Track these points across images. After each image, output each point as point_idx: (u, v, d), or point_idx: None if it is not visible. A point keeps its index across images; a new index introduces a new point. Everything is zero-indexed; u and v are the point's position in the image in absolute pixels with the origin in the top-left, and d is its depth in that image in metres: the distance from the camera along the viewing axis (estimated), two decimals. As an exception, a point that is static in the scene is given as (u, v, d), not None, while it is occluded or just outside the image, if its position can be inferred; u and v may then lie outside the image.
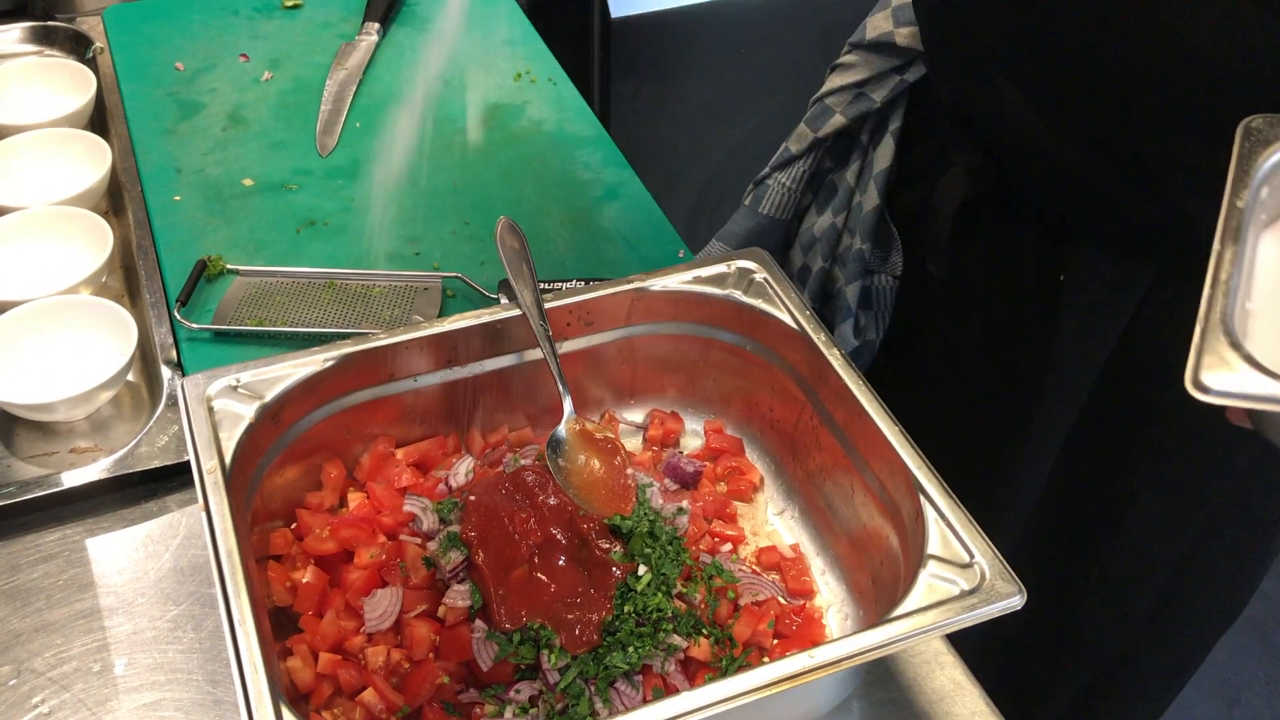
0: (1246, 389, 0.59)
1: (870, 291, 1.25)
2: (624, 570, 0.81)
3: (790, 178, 1.23)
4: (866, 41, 1.16)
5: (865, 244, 1.20)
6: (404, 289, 1.12)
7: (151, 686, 0.81)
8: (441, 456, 0.94)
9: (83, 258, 1.10)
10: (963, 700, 0.83)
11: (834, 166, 1.24)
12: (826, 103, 1.19)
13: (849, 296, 1.23)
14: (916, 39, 1.12)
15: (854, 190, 1.22)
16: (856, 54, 1.17)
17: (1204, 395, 0.59)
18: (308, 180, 1.27)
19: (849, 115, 1.18)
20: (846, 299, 1.23)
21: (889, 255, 1.22)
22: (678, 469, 0.95)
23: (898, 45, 1.14)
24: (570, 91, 1.43)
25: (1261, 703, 2.09)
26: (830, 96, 1.19)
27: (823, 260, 1.25)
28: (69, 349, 1.03)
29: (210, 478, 0.77)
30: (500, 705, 0.78)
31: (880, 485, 0.84)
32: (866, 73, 1.16)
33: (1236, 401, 0.59)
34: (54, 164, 1.22)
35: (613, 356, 0.98)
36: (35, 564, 0.89)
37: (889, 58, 1.15)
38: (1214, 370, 0.60)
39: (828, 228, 1.23)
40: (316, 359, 0.87)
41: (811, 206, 1.27)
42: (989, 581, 0.73)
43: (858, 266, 1.22)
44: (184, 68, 1.43)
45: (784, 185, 1.24)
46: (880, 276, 1.23)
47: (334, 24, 1.53)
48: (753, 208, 1.26)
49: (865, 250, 1.20)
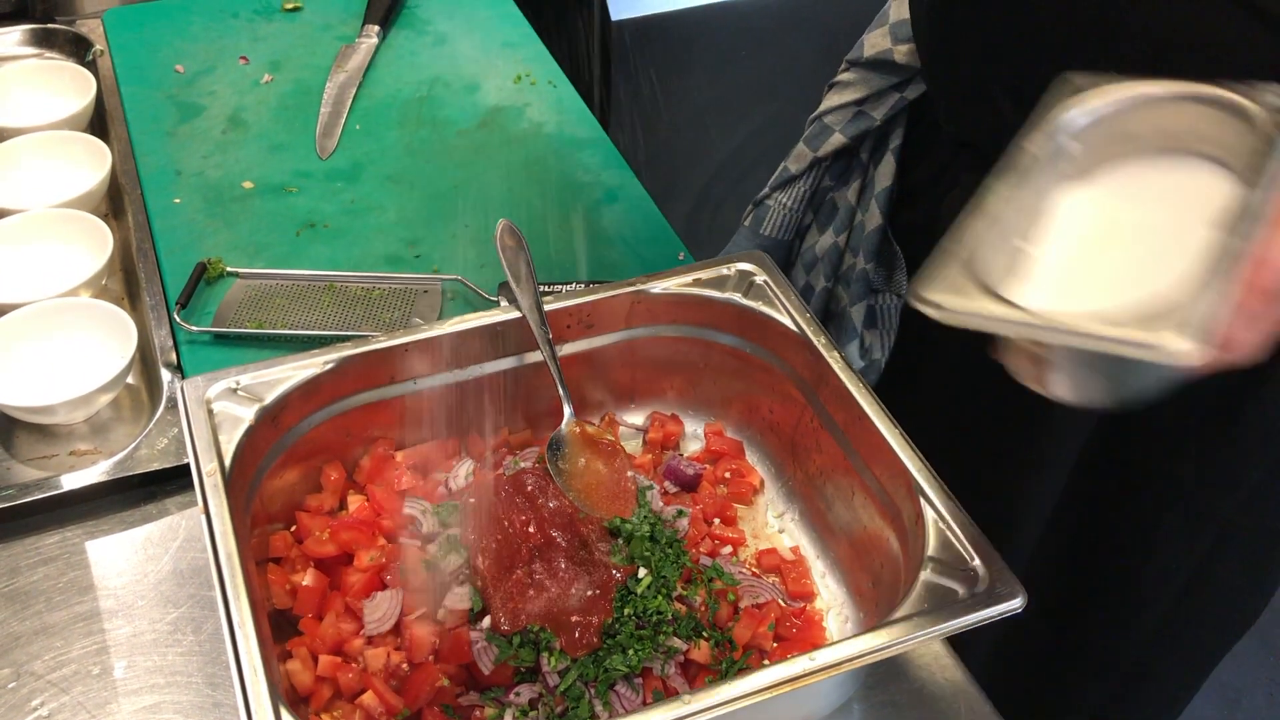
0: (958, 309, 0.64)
1: (875, 311, 1.23)
2: (624, 573, 0.81)
3: (791, 198, 1.22)
4: (864, 59, 1.14)
5: (869, 264, 1.19)
6: (404, 292, 1.12)
7: (151, 689, 0.81)
8: (441, 459, 0.94)
9: (83, 260, 1.10)
10: (964, 703, 0.83)
11: (834, 185, 1.23)
12: (825, 121, 1.18)
13: (854, 318, 1.21)
14: (915, 56, 1.11)
15: (855, 209, 1.20)
16: (854, 71, 1.16)
17: (930, 310, 0.65)
18: (308, 183, 1.27)
19: (848, 134, 1.16)
20: (852, 320, 1.22)
21: (893, 274, 1.20)
22: (678, 471, 0.95)
23: (897, 63, 1.12)
24: (570, 94, 1.43)
25: (1262, 705, 2.09)
26: (829, 115, 1.18)
27: (825, 280, 1.24)
28: (69, 352, 1.03)
29: (210, 480, 0.77)
30: (500, 708, 0.78)
31: (880, 488, 0.84)
32: (865, 90, 1.15)
33: (947, 317, 0.64)
34: (54, 166, 1.22)
35: (613, 359, 0.98)
36: (35, 566, 0.89)
37: (888, 75, 1.14)
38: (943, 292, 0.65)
39: (829, 247, 1.22)
40: (316, 361, 0.87)
41: (812, 225, 1.26)
42: (989, 584, 0.73)
43: (862, 287, 1.20)
44: (184, 70, 1.43)
45: (784, 205, 1.22)
46: (885, 295, 1.22)
47: (334, 26, 1.53)
48: (753, 229, 1.25)
49: (869, 270, 1.19)
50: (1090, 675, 1.27)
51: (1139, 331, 0.58)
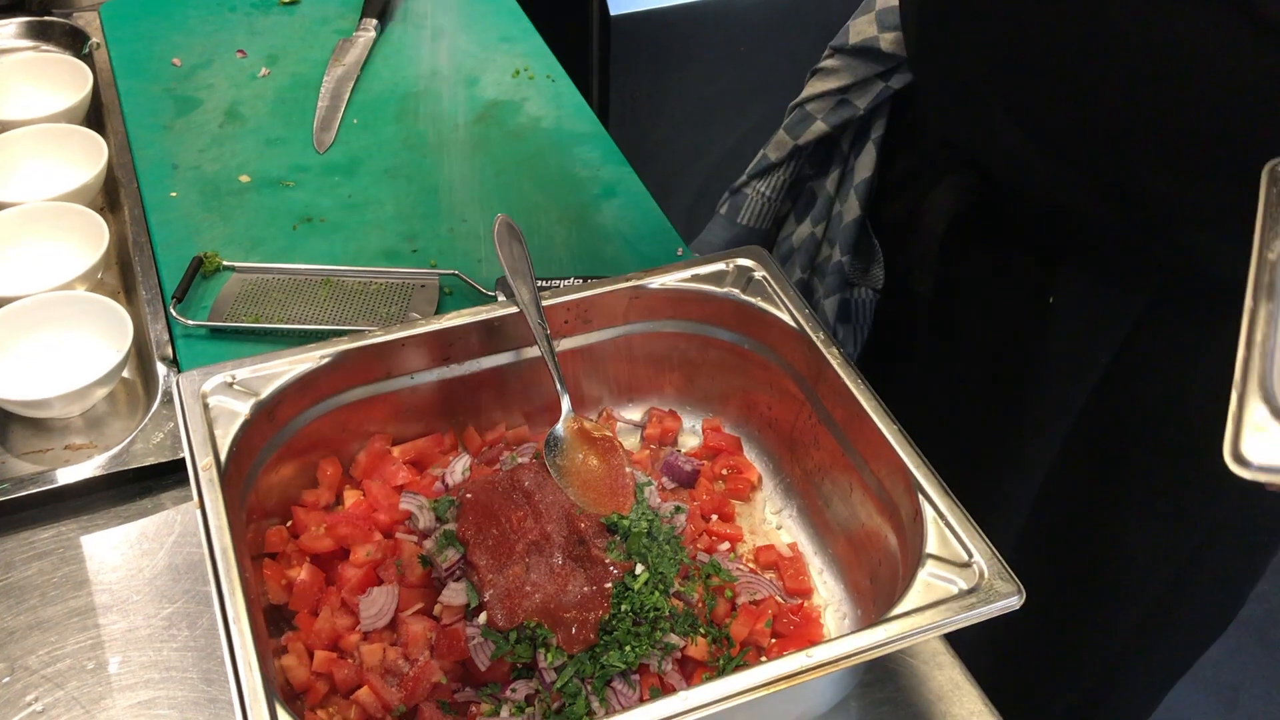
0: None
1: (850, 305, 1.21)
2: (621, 569, 0.81)
3: (769, 186, 1.20)
4: (850, 46, 1.12)
5: (845, 256, 1.17)
6: (401, 286, 1.11)
7: (146, 685, 0.81)
8: (438, 454, 0.94)
9: (78, 254, 1.10)
10: (961, 700, 0.83)
11: (814, 174, 1.21)
12: (807, 109, 1.16)
13: (827, 310, 1.20)
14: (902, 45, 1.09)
15: (834, 200, 1.18)
16: (839, 59, 1.13)
17: (1243, 470, 0.53)
18: (305, 177, 1.27)
19: (831, 122, 1.14)
20: (824, 312, 1.20)
21: (870, 268, 1.18)
22: (675, 468, 0.95)
23: (883, 51, 1.10)
24: (569, 89, 1.42)
25: (1260, 703, 2.09)
26: (811, 103, 1.15)
27: (801, 271, 1.22)
28: (64, 345, 1.03)
29: (205, 475, 0.77)
30: (496, 704, 0.77)
31: (879, 484, 0.84)
32: (849, 78, 1.12)
33: None
34: (50, 160, 1.22)
35: (611, 354, 0.98)
36: (29, 561, 0.89)
37: (873, 64, 1.11)
38: (1255, 440, 0.53)
39: (806, 238, 1.20)
40: (313, 356, 0.86)
41: (790, 215, 1.24)
42: (987, 581, 0.73)
43: (837, 279, 1.18)
44: (181, 63, 1.42)
45: (762, 194, 1.20)
46: (860, 290, 1.20)
47: (331, 20, 1.52)
48: (730, 217, 1.22)
49: (845, 262, 1.17)
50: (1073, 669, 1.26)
51: None
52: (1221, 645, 1.28)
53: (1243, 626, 2.11)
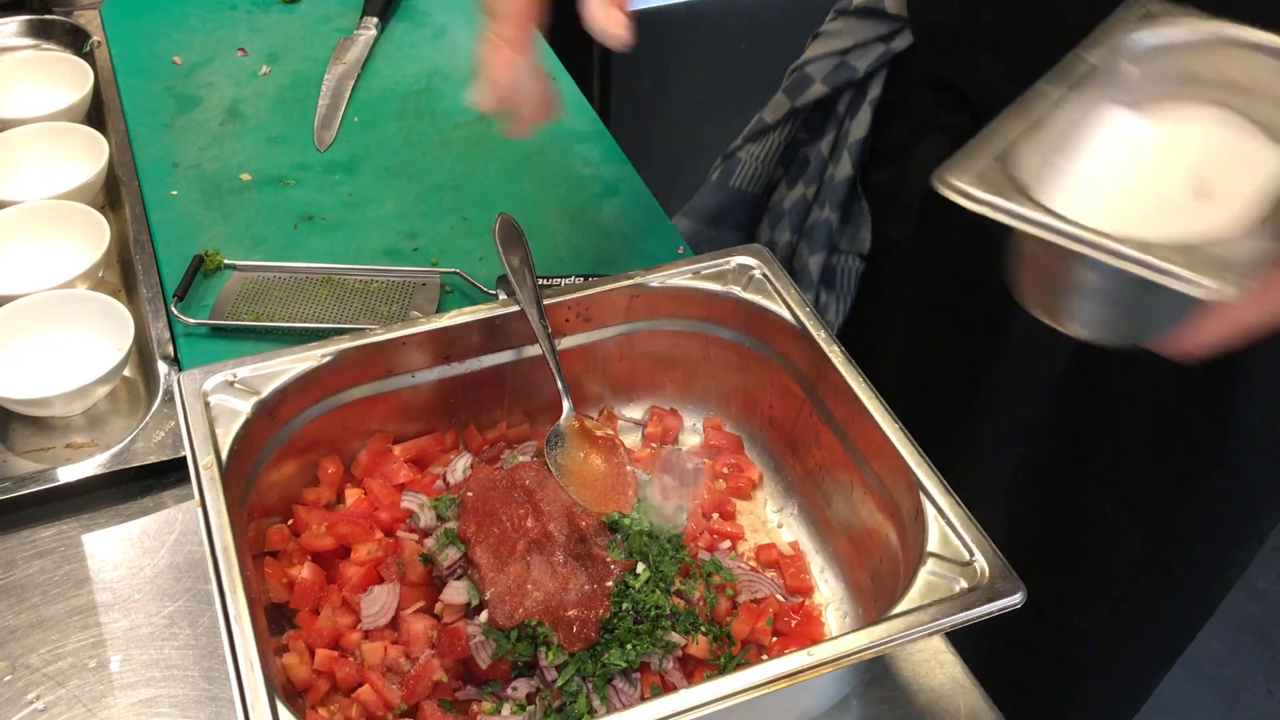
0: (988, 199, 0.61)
1: (835, 271, 1.20)
2: (622, 567, 0.81)
3: (763, 149, 1.18)
4: (854, 8, 1.11)
5: (834, 214, 1.16)
6: (402, 284, 1.11)
7: (147, 683, 0.81)
8: (439, 453, 0.94)
9: (79, 253, 1.10)
10: (962, 699, 0.83)
11: (808, 139, 1.19)
12: (806, 70, 1.14)
13: (812, 270, 1.19)
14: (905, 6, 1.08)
15: (827, 161, 1.17)
16: (842, 21, 1.12)
17: (947, 190, 0.62)
18: (306, 175, 1.27)
19: (830, 84, 1.13)
20: (810, 273, 1.19)
21: (858, 231, 1.17)
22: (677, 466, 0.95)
23: (887, 12, 1.09)
24: (569, 86, 1.42)
25: (1260, 701, 2.09)
26: (811, 64, 1.14)
27: (790, 233, 1.19)
28: (65, 344, 1.02)
29: (206, 473, 0.77)
30: (497, 702, 0.77)
31: (880, 483, 0.84)
32: (850, 40, 1.11)
33: (977, 206, 0.61)
34: (50, 158, 1.22)
35: (611, 353, 0.97)
36: (30, 559, 0.89)
37: (875, 25, 1.10)
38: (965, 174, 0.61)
39: (798, 200, 1.18)
40: (314, 354, 0.86)
41: (782, 180, 1.22)
42: (988, 580, 0.73)
43: (823, 237, 1.17)
44: (181, 62, 1.42)
45: (756, 157, 1.19)
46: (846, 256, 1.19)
47: (332, 18, 1.52)
48: (721, 181, 1.21)
49: (833, 220, 1.16)
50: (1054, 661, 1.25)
51: (1178, 260, 0.56)
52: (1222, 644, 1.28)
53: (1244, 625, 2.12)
